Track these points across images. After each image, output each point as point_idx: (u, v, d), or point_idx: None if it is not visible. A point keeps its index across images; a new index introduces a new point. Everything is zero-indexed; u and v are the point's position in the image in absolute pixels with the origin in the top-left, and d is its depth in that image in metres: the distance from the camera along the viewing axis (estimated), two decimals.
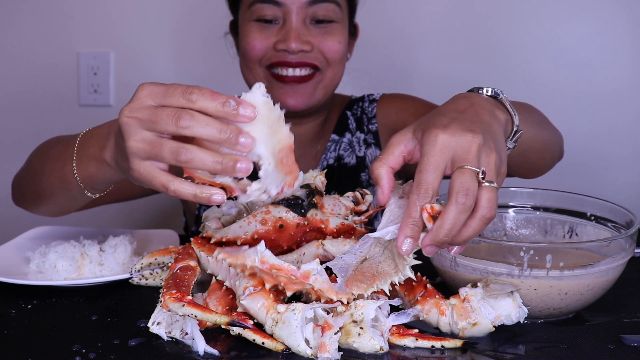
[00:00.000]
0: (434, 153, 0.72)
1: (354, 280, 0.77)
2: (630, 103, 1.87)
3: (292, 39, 1.23)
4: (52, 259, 0.97)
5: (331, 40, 1.26)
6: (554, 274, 0.80)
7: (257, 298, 0.75)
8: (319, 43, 1.26)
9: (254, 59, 1.27)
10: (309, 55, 1.25)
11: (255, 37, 1.26)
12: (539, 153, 1.05)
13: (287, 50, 1.24)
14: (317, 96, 1.28)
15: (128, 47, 1.95)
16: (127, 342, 0.76)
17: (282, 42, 1.24)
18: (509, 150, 0.85)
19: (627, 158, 1.88)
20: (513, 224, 1.01)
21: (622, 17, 1.84)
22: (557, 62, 1.86)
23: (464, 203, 0.70)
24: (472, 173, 0.71)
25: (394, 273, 0.76)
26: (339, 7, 1.27)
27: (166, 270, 0.92)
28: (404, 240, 0.71)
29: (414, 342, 0.75)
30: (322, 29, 1.26)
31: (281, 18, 1.26)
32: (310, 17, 1.25)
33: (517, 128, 0.83)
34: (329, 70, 1.28)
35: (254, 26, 1.27)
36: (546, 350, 0.75)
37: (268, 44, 1.26)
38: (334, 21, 1.27)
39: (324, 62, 1.27)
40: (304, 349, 0.71)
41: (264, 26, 1.26)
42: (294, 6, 1.24)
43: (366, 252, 0.78)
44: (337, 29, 1.27)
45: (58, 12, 1.94)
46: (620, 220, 0.92)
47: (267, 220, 0.84)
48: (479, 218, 0.71)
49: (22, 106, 1.99)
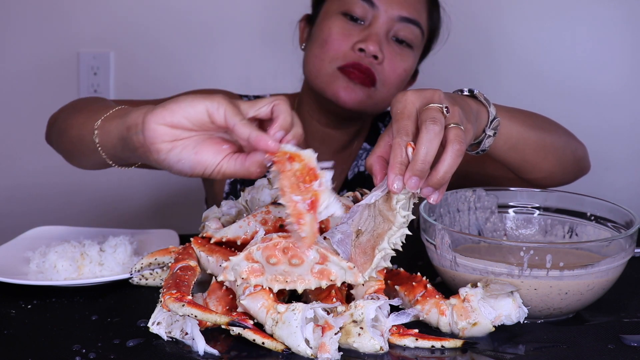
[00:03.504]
0: (404, 105, 0.80)
1: (359, 262, 0.77)
2: (630, 103, 1.87)
3: (373, 41, 1.21)
4: (52, 259, 0.97)
5: (400, 62, 1.25)
6: (554, 274, 0.80)
7: (257, 298, 0.75)
8: (389, 59, 1.24)
9: (330, 53, 1.24)
10: (376, 67, 1.23)
11: (338, 32, 1.24)
12: (537, 152, 1.05)
13: (365, 50, 1.22)
14: (367, 104, 1.26)
15: (128, 47, 1.95)
16: (127, 342, 0.76)
17: (362, 42, 1.22)
18: (490, 138, 0.92)
19: (627, 158, 1.88)
20: (513, 224, 1.01)
21: (622, 18, 1.84)
22: (557, 63, 1.86)
23: (432, 128, 0.76)
24: (436, 108, 0.79)
25: (389, 228, 0.77)
26: (422, 34, 1.27)
27: (166, 270, 0.92)
28: (394, 178, 0.75)
29: (414, 342, 0.75)
30: (399, 48, 1.25)
31: (368, 20, 1.24)
32: (393, 33, 1.24)
33: (492, 117, 0.91)
34: (384, 90, 1.25)
35: (339, 20, 1.25)
36: (546, 350, 0.75)
37: (349, 43, 1.23)
38: (411, 46, 1.26)
39: (384, 79, 1.24)
40: (304, 349, 0.71)
41: (349, 23, 1.24)
42: (386, 13, 1.23)
43: (357, 222, 0.78)
44: (410, 55, 1.26)
45: (58, 12, 1.94)
46: (620, 220, 0.92)
47: (267, 220, 0.84)
48: (450, 151, 0.77)
49: (22, 106, 1.98)
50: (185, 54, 1.95)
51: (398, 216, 0.76)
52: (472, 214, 1.00)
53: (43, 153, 1.96)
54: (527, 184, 1.16)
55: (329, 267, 0.75)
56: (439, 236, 0.85)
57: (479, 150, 0.94)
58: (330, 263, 0.75)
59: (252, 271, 0.75)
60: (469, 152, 0.96)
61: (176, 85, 1.95)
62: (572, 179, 1.19)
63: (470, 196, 0.99)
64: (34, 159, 1.97)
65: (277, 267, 0.75)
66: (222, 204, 0.95)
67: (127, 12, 1.94)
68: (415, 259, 1.01)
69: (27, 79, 1.97)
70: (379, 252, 0.76)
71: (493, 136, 0.93)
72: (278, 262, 0.75)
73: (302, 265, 0.75)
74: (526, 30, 1.86)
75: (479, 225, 1.00)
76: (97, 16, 1.94)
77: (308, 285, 0.75)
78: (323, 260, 0.75)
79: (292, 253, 0.74)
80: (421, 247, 0.91)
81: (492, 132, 0.92)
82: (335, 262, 0.75)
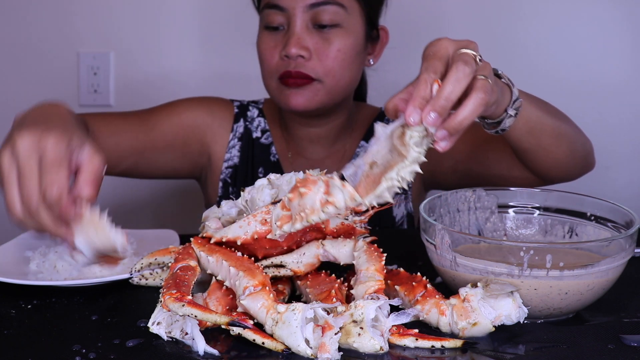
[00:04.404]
0: (438, 48, 0.78)
1: (364, 188, 0.75)
2: (631, 103, 1.87)
3: (291, 44, 1.23)
4: (52, 259, 0.97)
5: (330, 47, 1.25)
6: (554, 274, 0.80)
7: (257, 298, 0.75)
8: (317, 50, 1.25)
9: (267, 70, 1.29)
10: (307, 64, 1.24)
11: (266, 47, 1.28)
12: (552, 139, 1.05)
13: (288, 55, 1.24)
14: (318, 99, 1.27)
15: (128, 47, 1.95)
16: (127, 342, 0.76)
17: (284, 49, 1.25)
18: (511, 117, 0.91)
19: (627, 158, 1.88)
20: (513, 224, 1.01)
21: (622, 17, 1.84)
22: (557, 62, 1.86)
23: (463, 69, 0.75)
24: (470, 55, 0.77)
25: (401, 161, 0.74)
26: (344, 9, 1.25)
27: (166, 270, 0.92)
28: (412, 110, 0.73)
29: (414, 342, 0.75)
30: (323, 34, 1.25)
31: (285, 24, 1.26)
32: (313, 21, 1.25)
33: (515, 97, 0.91)
34: (329, 78, 1.26)
35: (264, 34, 1.29)
36: (546, 350, 0.75)
37: (276, 53, 1.26)
38: (338, 25, 1.25)
39: (322, 72, 1.25)
40: (304, 349, 0.71)
41: (272, 33, 1.27)
42: (295, 10, 1.24)
43: (373, 154, 0.76)
44: (339, 35, 1.25)
45: (58, 12, 1.94)
46: (620, 220, 0.92)
47: (267, 220, 0.84)
48: (474, 98, 0.75)
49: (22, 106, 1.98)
50: (185, 54, 1.95)
51: (411, 150, 0.74)
52: (472, 214, 1.00)
53: None
54: (532, 178, 1.15)
55: (332, 192, 0.74)
56: (439, 236, 0.85)
57: (499, 130, 0.93)
58: (333, 187, 0.74)
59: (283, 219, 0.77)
60: (488, 130, 0.95)
61: (176, 86, 1.95)
62: (579, 173, 1.18)
63: (470, 196, 0.99)
64: None
65: (293, 203, 0.76)
66: (222, 204, 0.95)
67: (127, 12, 1.94)
68: (415, 259, 1.01)
69: (27, 79, 1.97)
70: (386, 180, 0.74)
71: (514, 116, 0.92)
72: (293, 197, 0.76)
73: (309, 195, 0.75)
74: (527, 27, 1.86)
75: (479, 225, 1.00)
76: (97, 16, 1.94)
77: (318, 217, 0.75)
78: (327, 188, 0.75)
79: (301, 184, 0.75)
80: (421, 247, 0.91)
81: (514, 112, 0.91)
82: (336, 185, 0.74)
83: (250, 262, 0.81)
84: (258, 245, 0.85)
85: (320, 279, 0.86)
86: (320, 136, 1.38)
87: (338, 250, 0.86)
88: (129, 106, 1.95)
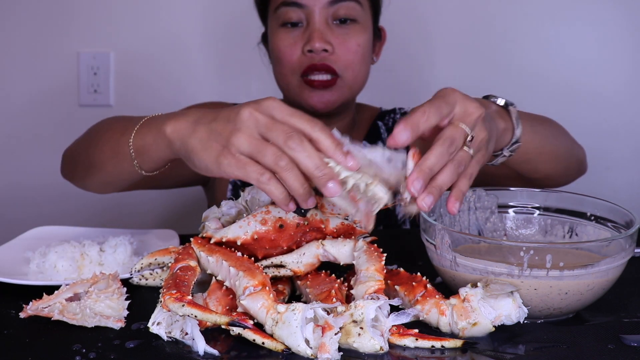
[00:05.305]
0: (444, 99, 0.80)
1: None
2: (631, 103, 1.87)
3: (315, 39, 1.26)
4: (52, 259, 0.97)
5: (350, 41, 1.29)
6: (554, 274, 0.80)
7: (257, 298, 0.75)
8: (339, 44, 1.28)
9: (287, 66, 1.30)
10: (331, 58, 1.28)
11: (284, 44, 1.29)
12: (547, 163, 1.09)
13: (312, 50, 1.26)
14: (342, 98, 1.31)
15: (128, 47, 1.95)
16: (127, 342, 0.76)
17: (307, 44, 1.27)
18: (504, 157, 0.95)
19: (627, 158, 1.88)
20: (513, 224, 1.01)
21: (622, 17, 1.84)
22: (557, 62, 1.86)
23: (447, 147, 0.77)
24: (463, 132, 0.79)
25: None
26: (360, 5, 1.30)
27: (166, 270, 0.92)
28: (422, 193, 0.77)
29: (414, 342, 0.75)
30: (343, 29, 1.29)
31: (305, 20, 1.29)
32: (332, 17, 1.28)
33: (516, 139, 0.93)
34: (349, 72, 1.30)
35: (281, 32, 1.30)
36: (546, 350, 0.75)
37: (297, 49, 1.28)
38: (355, 20, 1.29)
39: (343, 66, 1.29)
40: (304, 349, 0.71)
41: (290, 30, 1.30)
42: (315, 7, 1.27)
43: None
44: (357, 30, 1.29)
45: (58, 12, 1.94)
46: (620, 220, 0.92)
47: (267, 220, 0.85)
48: (451, 167, 0.78)
49: (22, 106, 1.99)
50: (186, 54, 1.95)
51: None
52: (472, 214, 1.00)
53: (43, 153, 1.97)
54: (527, 184, 1.16)
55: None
56: (439, 236, 0.85)
57: (489, 164, 0.96)
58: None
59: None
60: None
61: (176, 86, 1.95)
62: (572, 180, 1.22)
63: (470, 196, 0.99)
64: (34, 158, 1.97)
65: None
66: (222, 204, 0.95)
67: (127, 12, 1.94)
68: (415, 259, 1.01)
69: (27, 79, 1.97)
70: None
71: (508, 156, 0.95)
72: None
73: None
74: (527, 29, 1.86)
75: (479, 225, 1.01)
76: (97, 16, 1.94)
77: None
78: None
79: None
80: (421, 247, 0.91)
81: (509, 153, 0.95)
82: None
83: (250, 262, 0.81)
84: (258, 245, 0.85)
85: (320, 279, 0.86)
86: None
87: (338, 250, 0.86)
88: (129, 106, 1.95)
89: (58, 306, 0.81)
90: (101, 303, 0.81)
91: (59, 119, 1.97)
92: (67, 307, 0.81)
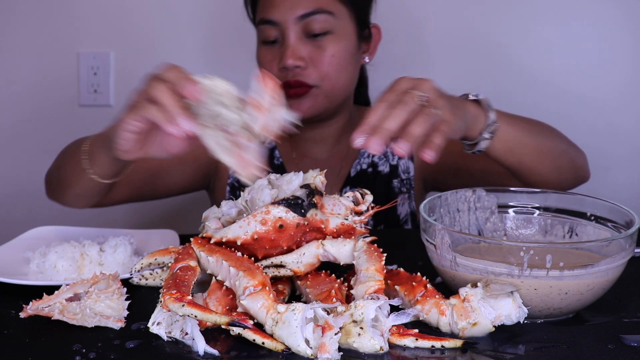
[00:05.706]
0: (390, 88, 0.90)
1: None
2: (631, 103, 1.87)
3: (287, 56, 1.27)
4: (52, 259, 0.97)
5: (324, 54, 1.28)
6: (554, 274, 0.80)
7: (257, 298, 0.75)
8: (312, 58, 1.28)
9: None
10: (304, 73, 1.28)
11: (264, 61, 1.31)
12: (533, 156, 1.10)
13: (285, 67, 1.27)
14: (318, 105, 1.31)
15: (128, 47, 1.95)
16: (127, 342, 0.76)
17: (280, 62, 1.28)
18: (486, 140, 1.02)
19: (627, 158, 1.88)
20: (513, 224, 1.01)
21: (622, 18, 1.83)
22: (557, 63, 1.86)
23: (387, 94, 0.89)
24: (409, 83, 0.90)
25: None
26: (332, 15, 1.29)
27: (166, 270, 0.92)
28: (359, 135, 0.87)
29: (414, 342, 0.75)
30: (317, 42, 1.28)
31: (280, 37, 1.29)
32: (305, 31, 1.28)
33: (491, 121, 1.01)
34: (325, 82, 1.29)
35: (262, 49, 1.32)
36: (546, 350, 0.75)
37: (275, 65, 1.29)
38: (328, 32, 1.28)
39: (318, 78, 1.29)
40: (304, 349, 0.71)
41: (270, 47, 1.31)
42: (287, 23, 1.27)
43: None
44: (331, 41, 1.29)
45: (58, 12, 1.94)
46: (620, 220, 0.92)
47: (267, 220, 0.85)
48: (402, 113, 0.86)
49: (22, 106, 1.99)
50: (186, 54, 1.95)
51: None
52: (472, 214, 1.00)
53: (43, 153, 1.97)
54: (525, 185, 1.17)
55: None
56: (439, 236, 0.85)
57: (476, 150, 1.03)
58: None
59: None
60: (467, 150, 1.05)
61: None
62: (571, 185, 1.22)
63: (470, 196, 0.99)
64: (34, 158, 1.97)
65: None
66: (222, 204, 0.95)
67: (127, 12, 1.94)
68: (415, 259, 1.01)
69: (27, 79, 1.97)
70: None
71: (489, 139, 1.02)
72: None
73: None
74: (526, 30, 1.86)
75: (479, 225, 1.01)
76: (97, 16, 1.94)
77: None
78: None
79: None
80: (421, 247, 0.91)
81: (489, 135, 1.02)
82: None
83: (250, 262, 0.81)
84: (258, 245, 0.85)
85: (320, 279, 0.86)
86: (323, 137, 1.41)
87: (338, 250, 0.86)
88: None
89: (58, 306, 0.81)
90: (101, 303, 0.81)
91: (59, 119, 1.97)
92: (67, 307, 0.81)
